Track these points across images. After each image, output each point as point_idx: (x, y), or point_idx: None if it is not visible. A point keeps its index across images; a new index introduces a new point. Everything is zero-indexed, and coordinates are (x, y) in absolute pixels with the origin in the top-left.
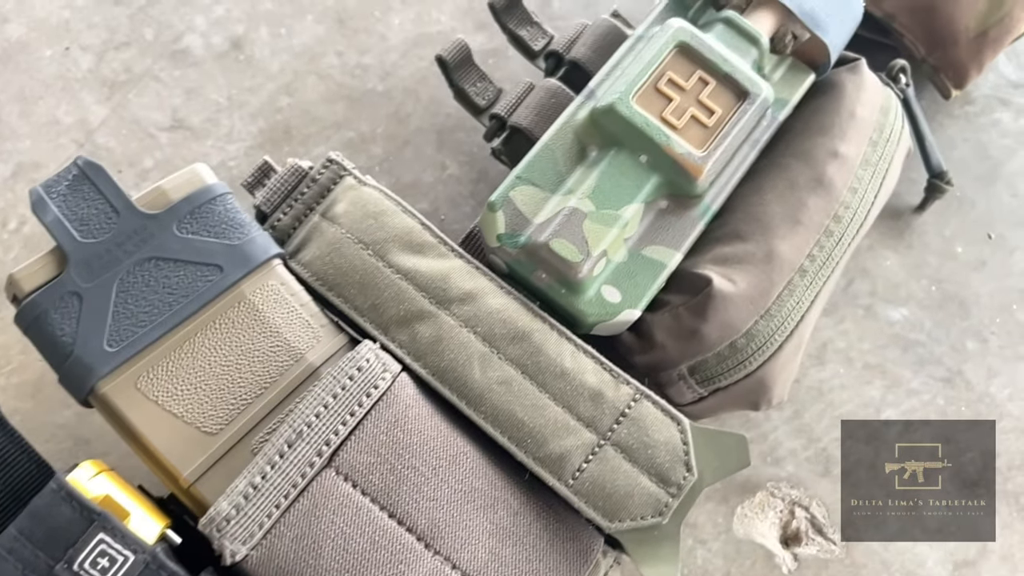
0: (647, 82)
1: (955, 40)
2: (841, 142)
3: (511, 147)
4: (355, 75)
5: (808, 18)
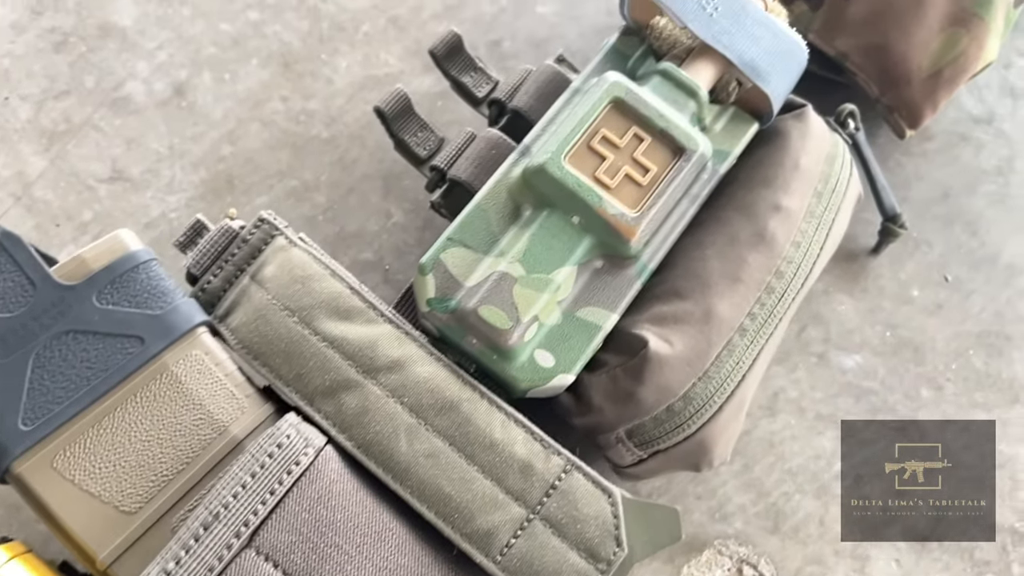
0: (580, 140)
1: (908, 80)
2: (784, 195)
3: (451, 200)
4: (300, 121)
5: (749, 68)
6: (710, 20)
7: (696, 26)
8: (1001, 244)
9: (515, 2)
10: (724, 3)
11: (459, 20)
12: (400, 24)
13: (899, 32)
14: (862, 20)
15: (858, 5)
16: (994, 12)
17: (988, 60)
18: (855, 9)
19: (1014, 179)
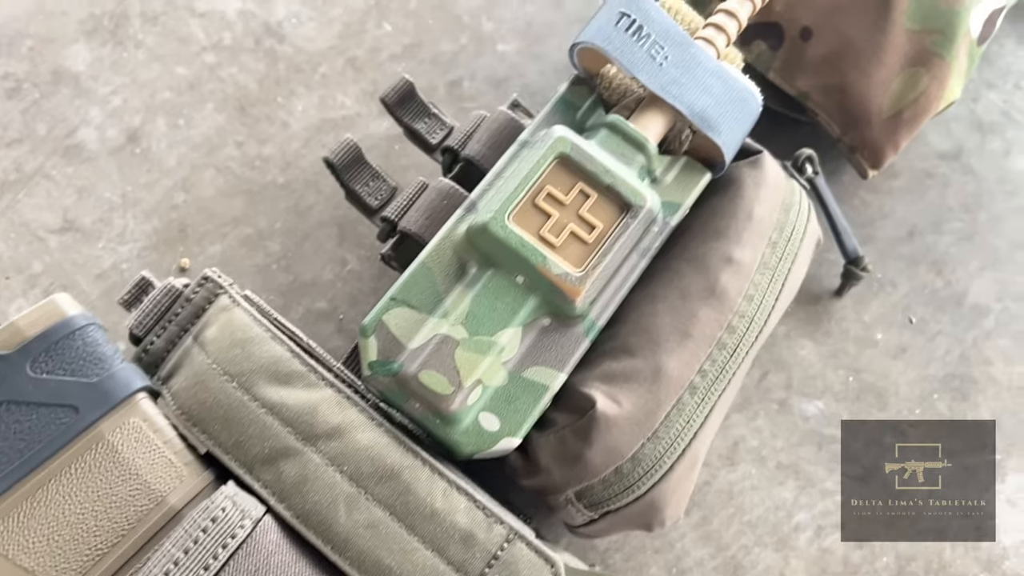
0: (525, 198)
1: (868, 120)
2: (737, 247)
3: (401, 252)
4: (255, 167)
5: (699, 119)
6: (659, 70)
7: (645, 77)
8: (967, 283)
9: (475, 41)
10: (674, 52)
11: (418, 60)
12: (357, 65)
13: (858, 73)
14: (821, 60)
15: (817, 46)
16: (955, 51)
17: (951, 100)
18: (814, 50)
19: (981, 216)
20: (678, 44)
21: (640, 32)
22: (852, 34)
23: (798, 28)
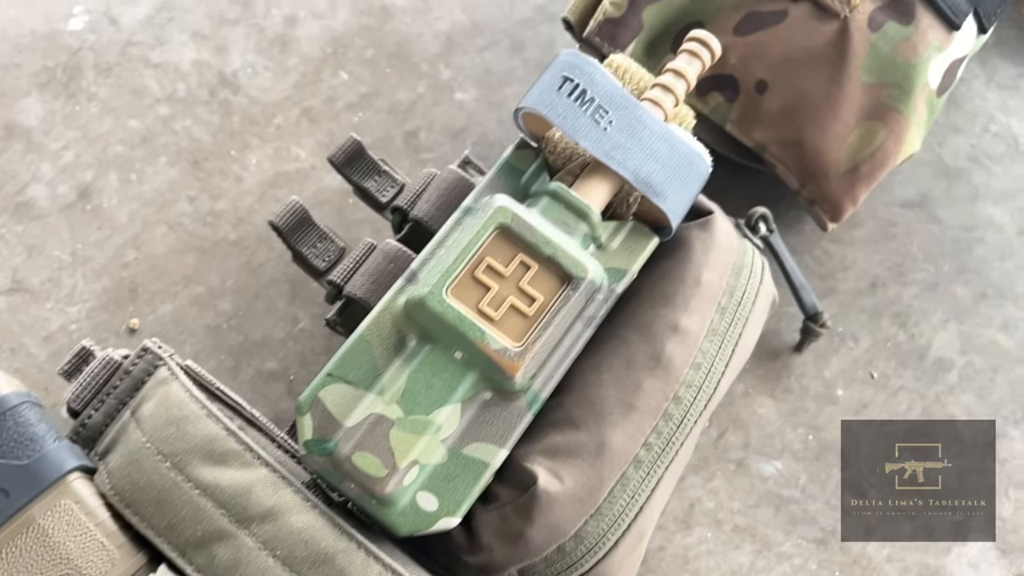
0: (464, 270)
1: (826, 174)
2: (684, 314)
3: (347, 318)
4: (207, 223)
5: (644, 185)
6: (604, 135)
7: (588, 143)
8: (931, 336)
9: (432, 89)
10: (619, 116)
11: (374, 110)
12: (313, 116)
13: (814, 127)
14: (777, 113)
15: (772, 99)
16: (913, 105)
17: (909, 153)
18: (769, 103)
19: (945, 265)
20: (623, 108)
21: (583, 97)
22: (807, 88)
23: (753, 81)
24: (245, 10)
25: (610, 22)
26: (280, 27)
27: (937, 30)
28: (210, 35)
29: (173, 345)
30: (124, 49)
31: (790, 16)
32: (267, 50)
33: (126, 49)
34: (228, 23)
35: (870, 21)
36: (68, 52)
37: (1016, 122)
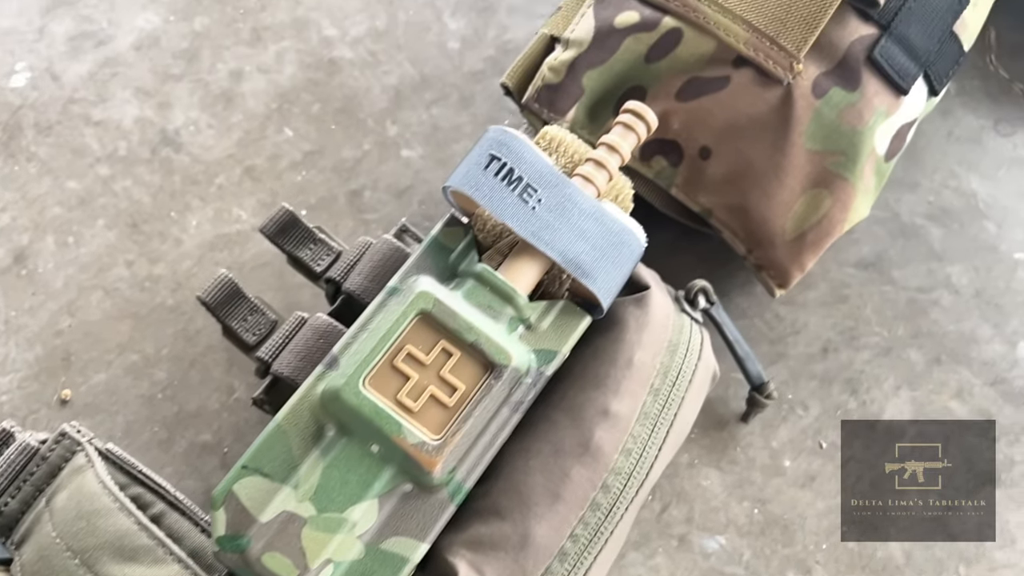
0: (383, 359)
1: (772, 242)
2: (614, 398)
3: (274, 396)
4: (144, 288)
5: (573, 266)
6: (531, 215)
7: (515, 223)
8: (883, 403)
9: (378, 146)
10: (548, 195)
11: (318, 168)
12: (256, 175)
13: (759, 194)
14: (721, 180)
15: (716, 165)
16: (859, 172)
17: (856, 220)
18: (713, 169)
19: (900, 329)
20: (553, 186)
21: (511, 176)
22: (751, 155)
23: (697, 147)
24: (190, 65)
25: (548, 88)
26: (225, 82)
27: (884, 95)
28: (153, 91)
29: (106, 417)
30: (66, 107)
31: (732, 82)
32: (211, 106)
33: (68, 107)
34: (172, 79)
35: (814, 87)
36: (9, 110)
37: (976, 178)
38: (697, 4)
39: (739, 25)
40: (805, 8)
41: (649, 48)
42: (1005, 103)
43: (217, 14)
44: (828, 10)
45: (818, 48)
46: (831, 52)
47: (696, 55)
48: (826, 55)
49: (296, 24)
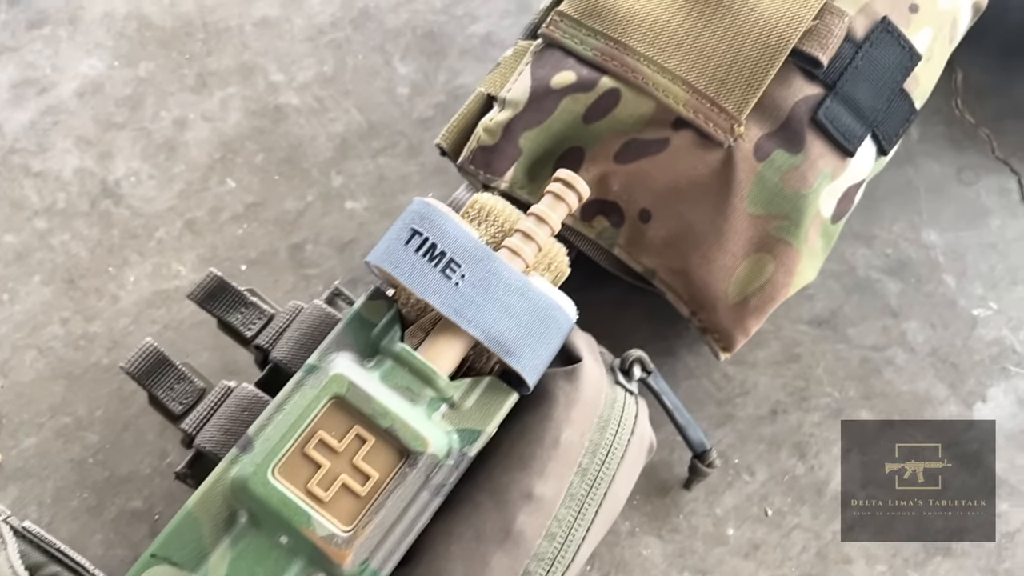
0: (294, 446)
1: (714, 306)
2: (539, 480)
3: (197, 471)
4: (79, 347)
5: (496, 344)
6: (454, 291)
7: (437, 300)
8: (831, 469)
9: (322, 198)
10: (472, 270)
11: (260, 221)
12: (196, 228)
13: (699, 258)
14: (662, 243)
15: (656, 228)
16: (803, 236)
17: (802, 284)
18: (654, 232)
19: (851, 390)
20: (477, 261)
21: (433, 251)
22: (691, 219)
23: (637, 209)
24: (133, 113)
25: (484, 150)
26: (169, 131)
27: (829, 157)
28: (95, 140)
29: (36, 482)
30: (5, 157)
31: (672, 145)
32: (153, 156)
33: (7, 157)
34: (115, 127)
35: (756, 150)
36: None
37: (936, 230)
38: (636, 64)
39: (679, 86)
40: (746, 69)
41: (587, 108)
42: (969, 150)
43: (163, 59)
44: (770, 71)
45: (761, 109)
46: (774, 113)
47: (635, 116)
48: (769, 116)
49: (243, 69)
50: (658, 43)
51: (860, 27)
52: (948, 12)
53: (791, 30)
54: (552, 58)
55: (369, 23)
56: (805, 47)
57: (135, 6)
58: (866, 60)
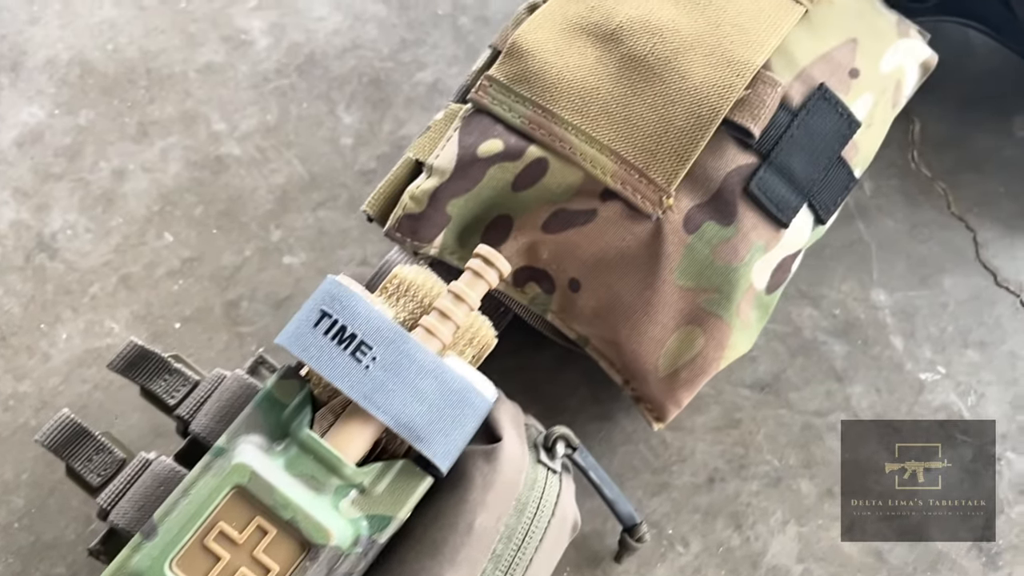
0: (194, 537)
1: (645, 377)
2: (450, 568)
3: (111, 548)
4: (8, 407)
5: (406, 430)
6: (364, 376)
7: (346, 385)
8: (767, 540)
9: (260, 253)
10: (383, 352)
11: (196, 276)
12: (131, 284)
13: (629, 330)
14: (592, 313)
15: (586, 298)
16: (734, 309)
17: (736, 356)
18: (584, 301)
19: (791, 458)
20: (389, 342)
21: (342, 334)
22: (620, 290)
23: (566, 279)
24: (72, 163)
25: (410, 218)
26: (107, 182)
27: (762, 229)
28: (32, 191)
29: None
30: None
31: (600, 216)
32: (91, 208)
33: None
34: (52, 178)
35: (686, 222)
36: None
37: (885, 291)
38: (564, 133)
39: (607, 156)
40: (676, 140)
41: (516, 177)
42: (924, 205)
43: (104, 107)
44: (700, 142)
45: (692, 179)
46: (706, 184)
47: (563, 186)
48: (700, 187)
49: (185, 118)
50: (587, 111)
51: (797, 94)
52: (891, 75)
53: (722, 100)
54: (480, 125)
55: (315, 69)
56: (736, 118)
57: (78, 52)
58: (802, 129)
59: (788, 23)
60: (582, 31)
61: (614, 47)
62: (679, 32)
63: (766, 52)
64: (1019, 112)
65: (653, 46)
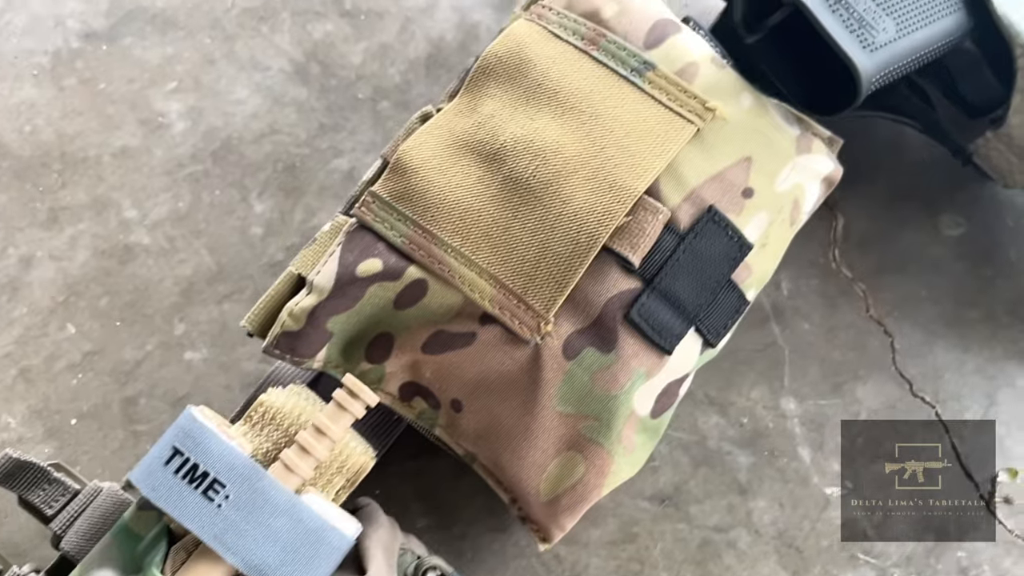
0: None
1: (527, 500)
2: None
3: None
4: None
5: (256, 572)
6: (215, 515)
7: (196, 526)
8: None
9: (162, 347)
10: (237, 491)
11: (96, 371)
12: (30, 377)
13: (510, 453)
14: (474, 434)
15: (468, 419)
16: (615, 437)
17: (620, 482)
18: (466, 422)
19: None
20: (243, 480)
21: (194, 472)
22: (500, 413)
23: (448, 399)
24: None
25: (288, 335)
26: (14, 269)
27: (644, 356)
28: None
29: None
30: None
31: (479, 339)
32: None
33: None
34: None
35: (566, 347)
36: None
37: (796, 399)
38: (443, 256)
39: (485, 280)
40: (555, 266)
41: (396, 296)
42: (843, 308)
43: (16, 191)
44: (578, 270)
45: (573, 304)
46: (586, 309)
47: (443, 307)
48: (581, 312)
49: (96, 204)
50: (467, 234)
51: (685, 216)
52: (788, 193)
53: (601, 227)
54: (362, 242)
55: (230, 155)
56: (615, 246)
57: None
58: (688, 253)
59: (678, 143)
60: (467, 148)
61: (497, 168)
62: (563, 154)
63: (649, 177)
64: (948, 209)
65: (536, 168)
